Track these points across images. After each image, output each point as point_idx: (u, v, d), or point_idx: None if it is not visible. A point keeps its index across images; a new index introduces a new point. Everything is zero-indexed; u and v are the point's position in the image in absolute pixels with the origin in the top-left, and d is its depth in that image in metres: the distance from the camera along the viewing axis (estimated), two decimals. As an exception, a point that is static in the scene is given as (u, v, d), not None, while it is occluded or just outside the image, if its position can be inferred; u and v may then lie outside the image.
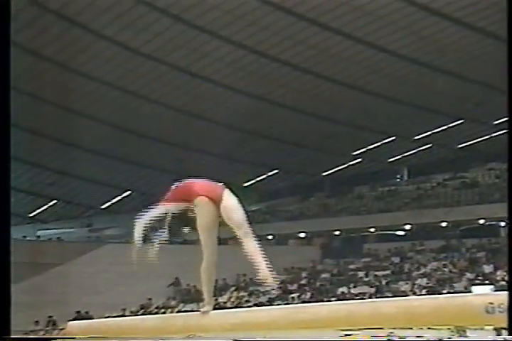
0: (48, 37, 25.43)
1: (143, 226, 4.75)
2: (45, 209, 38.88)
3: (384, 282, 25.92)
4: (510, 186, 4.38)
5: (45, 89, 28.39)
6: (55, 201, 38.49)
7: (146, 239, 4.87)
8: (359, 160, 36.35)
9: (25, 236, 33.40)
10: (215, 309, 4.93)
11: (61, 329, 23.55)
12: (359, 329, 18.65)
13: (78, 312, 25.65)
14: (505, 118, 26.74)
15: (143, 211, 5.42)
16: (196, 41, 25.99)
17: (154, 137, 32.65)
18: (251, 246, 4.70)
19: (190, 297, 28.14)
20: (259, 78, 28.81)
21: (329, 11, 24.26)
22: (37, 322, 26.11)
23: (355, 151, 35.67)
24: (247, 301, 25.96)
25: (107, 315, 22.70)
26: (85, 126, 31.16)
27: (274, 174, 37.63)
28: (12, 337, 4.55)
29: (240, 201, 4.82)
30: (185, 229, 4.82)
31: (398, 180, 37.62)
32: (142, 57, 26.99)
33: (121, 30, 25.38)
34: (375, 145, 34.75)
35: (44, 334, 25.63)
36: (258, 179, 38.15)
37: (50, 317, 26.32)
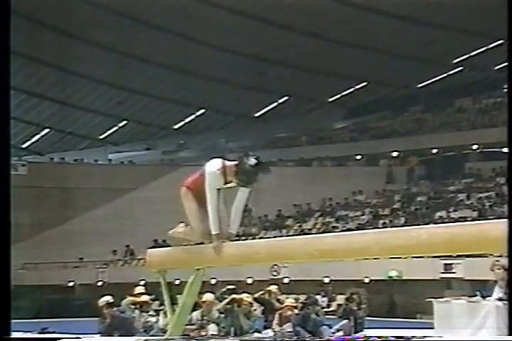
0: None
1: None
2: (115, 131, 39.80)
3: (488, 205, 25.63)
4: (509, 128, 4.30)
5: None
6: (125, 122, 39.29)
7: None
8: (460, 68, 35.27)
9: (96, 160, 34.52)
10: (300, 235, 5.00)
11: (140, 259, 24.53)
12: (461, 256, 18.68)
13: (155, 240, 26.57)
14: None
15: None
16: None
17: (231, 49, 32.51)
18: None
19: (272, 223, 28.68)
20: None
21: None
22: (115, 252, 27.25)
23: (456, 59, 34.57)
24: (334, 227, 26.25)
25: (185, 243, 23.43)
26: (152, 37, 31.29)
27: (362, 87, 37.05)
28: (12, 337, 4.75)
29: None
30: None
31: (505, 90, 36.42)
32: None
33: None
34: (479, 50, 33.54)
35: (123, 265, 26.81)
36: (344, 93, 37.70)
37: (127, 246, 27.40)
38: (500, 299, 9.19)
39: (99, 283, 25.02)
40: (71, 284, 25.67)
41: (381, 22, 30.25)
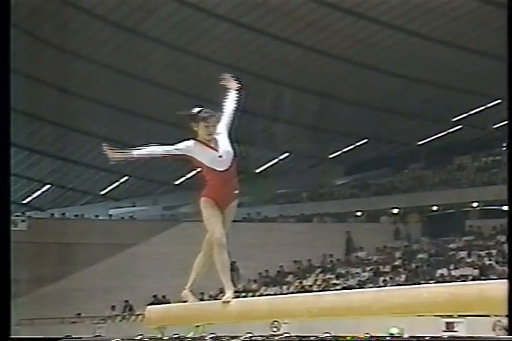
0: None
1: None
2: (116, 187, 39.85)
3: (489, 263, 25.45)
4: (510, 187, 4.35)
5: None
6: (127, 177, 39.38)
7: None
8: (459, 126, 35.54)
9: (97, 216, 34.47)
10: (300, 292, 4.97)
11: (138, 314, 24.26)
12: (462, 316, 18.43)
13: (155, 296, 26.32)
14: None
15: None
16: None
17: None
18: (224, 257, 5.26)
19: (273, 280, 28.45)
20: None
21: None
22: (113, 307, 26.96)
23: (455, 117, 34.86)
24: (335, 284, 26.03)
25: (185, 299, 23.18)
26: (153, 95, 31.64)
27: (362, 144, 37.28)
28: (12, 337, 4.71)
29: None
30: None
31: (504, 148, 36.60)
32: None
33: (117, 9, 26.03)
34: (478, 109, 33.86)
35: (121, 320, 26.49)
36: (345, 149, 37.91)
37: (126, 301, 27.13)
38: (502, 359, 9.03)
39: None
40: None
41: (381, 80, 30.62)
